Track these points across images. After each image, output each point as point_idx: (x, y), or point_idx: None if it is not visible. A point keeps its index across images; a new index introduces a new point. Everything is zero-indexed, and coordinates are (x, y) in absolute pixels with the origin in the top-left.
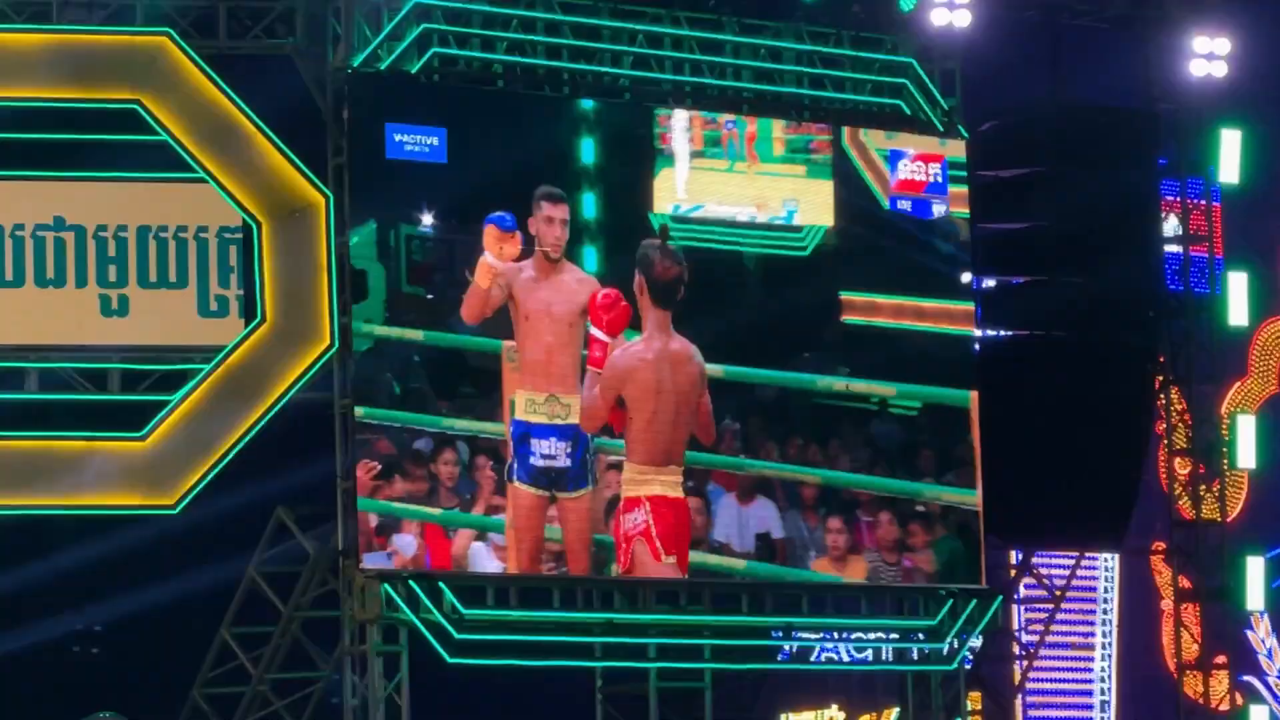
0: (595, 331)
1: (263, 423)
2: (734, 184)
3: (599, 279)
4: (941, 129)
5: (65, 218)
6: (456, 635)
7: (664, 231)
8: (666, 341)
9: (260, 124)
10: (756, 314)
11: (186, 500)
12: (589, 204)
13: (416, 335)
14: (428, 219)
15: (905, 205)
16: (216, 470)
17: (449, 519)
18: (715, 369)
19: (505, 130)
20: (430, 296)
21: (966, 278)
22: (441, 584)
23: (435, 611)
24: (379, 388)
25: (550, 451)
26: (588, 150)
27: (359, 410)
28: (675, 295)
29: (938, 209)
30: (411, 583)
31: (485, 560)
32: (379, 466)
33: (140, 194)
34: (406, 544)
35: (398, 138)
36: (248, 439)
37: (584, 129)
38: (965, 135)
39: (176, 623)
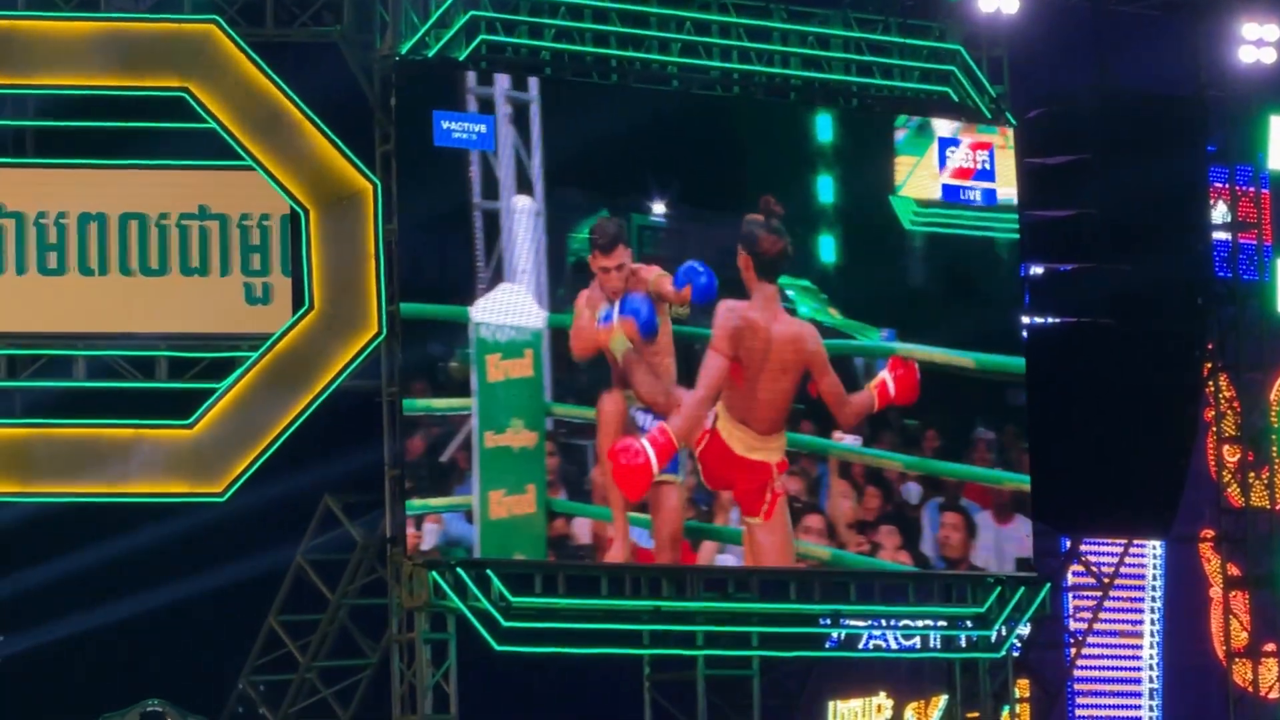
0: (647, 436)
1: (310, 410)
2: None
3: (836, 270)
4: (989, 116)
5: (108, 206)
6: (504, 623)
7: (767, 205)
8: (774, 314)
9: (308, 111)
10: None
11: (234, 488)
12: (825, 188)
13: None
14: (659, 207)
15: (952, 192)
16: (264, 458)
17: None
18: (966, 359)
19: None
20: None
21: None
22: (489, 571)
23: (483, 599)
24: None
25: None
26: (824, 128)
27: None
28: (780, 269)
29: (976, 196)
30: (460, 570)
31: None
32: None
33: (186, 182)
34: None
35: (445, 125)
36: (295, 426)
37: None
38: (1013, 123)
39: (224, 610)
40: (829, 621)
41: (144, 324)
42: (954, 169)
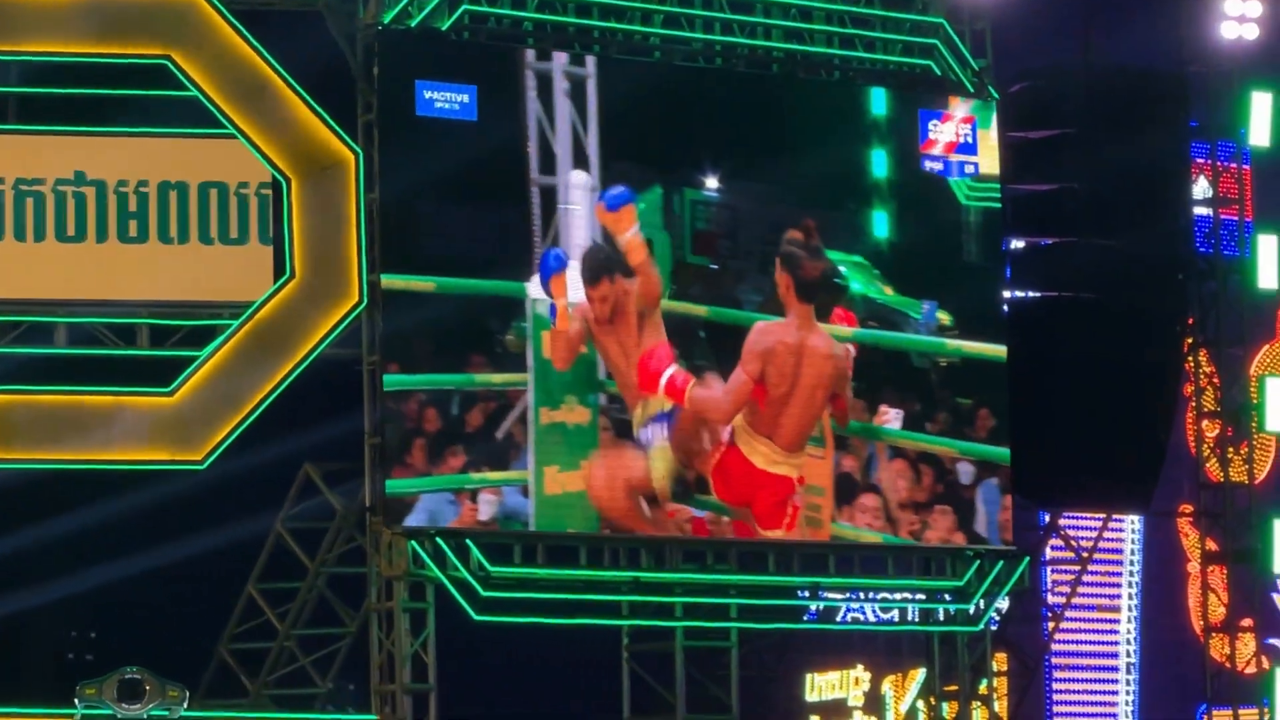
0: (667, 377)
1: (291, 379)
2: None
3: (890, 246)
4: (972, 90)
5: (87, 173)
6: (483, 593)
7: (809, 228)
8: (809, 333)
9: (290, 80)
10: None
11: (214, 456)
12: (879, 161)
13: (700, 310)
14: (712, 182)
15: (935, 166)
16: (244, 426)
17: None
18: None
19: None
20: (714, 267)
21: None
22: (469, 541)
23: (462, 569)
24: None
25: None
26: (878, 102)
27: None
28: (819, 291)
29: (968, 169)
30: (439, 539)
31: None
32: None
33: (168, 150)
34: None
35: (428, 95)
36: (276, 395)
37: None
38: (996, 96)
39: (203, 578)
40: (807, 594)
41: (125, 291)
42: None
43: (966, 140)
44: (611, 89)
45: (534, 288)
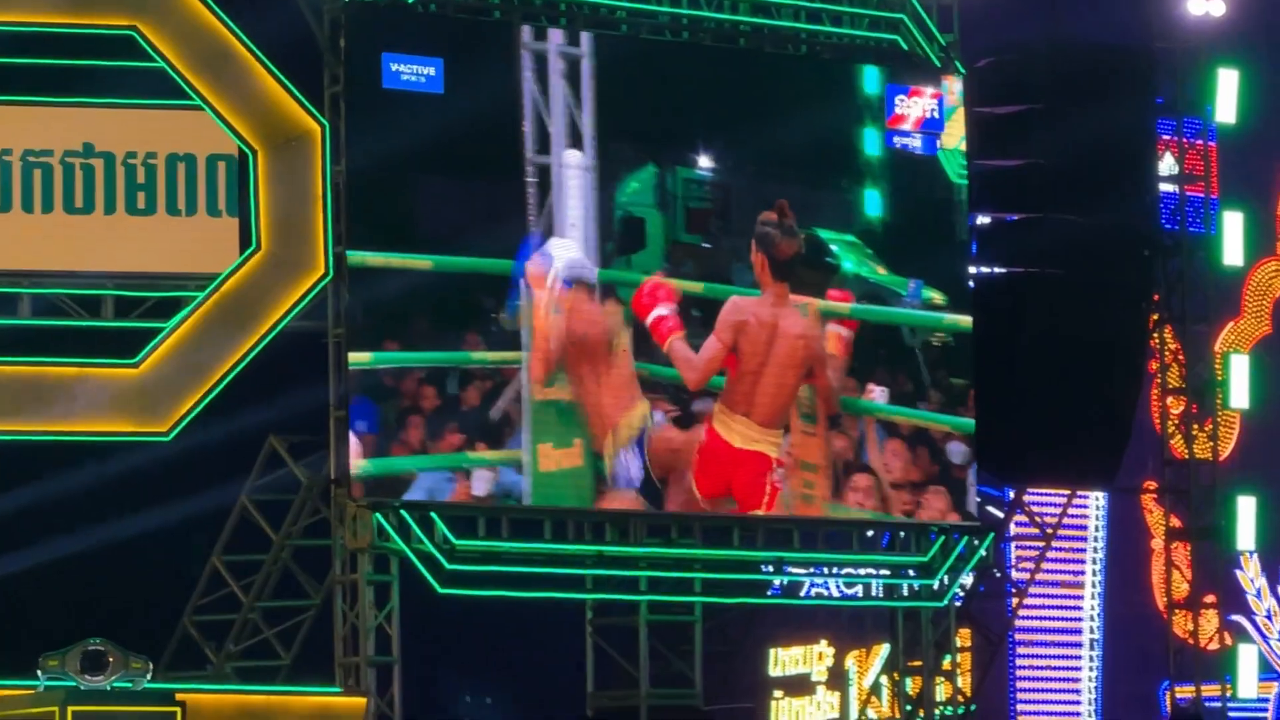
0: (658, 312)
1: (256, 350)
2: None
3: (882, 225)
4: (939, 65)
5: (53, 144)
6: (447, 565)
7: (782, 209)
8: (782, 311)
9: (257, 52)
10: None
11: (179, 427)
12: (871, 140)
13: (696, 288)
14: (705, 160)
15: (911, 142)
16: (209, 398)
17: None
18: None
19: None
20: (707, 245)
21: None
22: (433, 514)
23: (427, 541)
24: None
25: None
26: (871, 81)
27: (644, 370)
28: (794, 270)
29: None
30: (403, 512)
31: None
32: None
33: (134, 121)
34: None
35: (394, 67)
36: (241, 366)
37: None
38: (962, 71)
39: (167, 550)
40: (771, 569)
41: (90, 262)
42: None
43: (933, 115)
44: (606, 68)
45: (530, 266)
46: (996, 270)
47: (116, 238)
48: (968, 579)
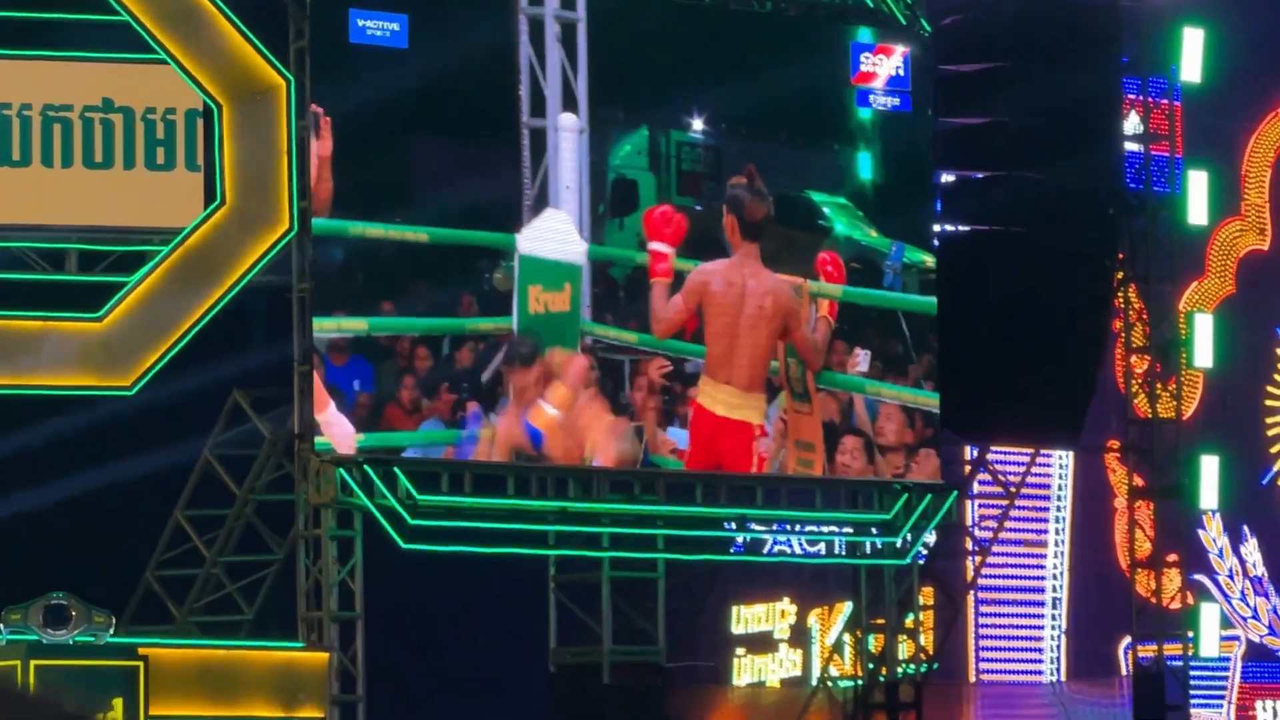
0: (656, 245)
1: (220, 305)
2: None
3: (874, 187)
4: (904, 22)
5: (17, 97)
6: (410, 521)
7: (751, 172)
8: (752, 271)
9: (222, 6)
10: None
11: (143, 382)
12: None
13: (686, 266)
14: (698, 124)
15: (880, 101)
16: (173, 352)
17: None
18: None
19: None
20: (699, 208)
21: None
22: (396, 469)
23: (390, 496)
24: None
25: None
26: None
27: (633, 336)
28: (763, 230)
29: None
30: (366, 467)
31: None
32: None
33: (99, 74)
34: None
35: (360, 22)
36: (205, 321)
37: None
38: (928, 29)
39: (130, 504)
40: (734, 526)
41: (54, 216)
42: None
43: (898, 74)
44: (600, 30)
45: (523, 239)
46: (961, 228)
47: (80, 192)
48: (931, 537)
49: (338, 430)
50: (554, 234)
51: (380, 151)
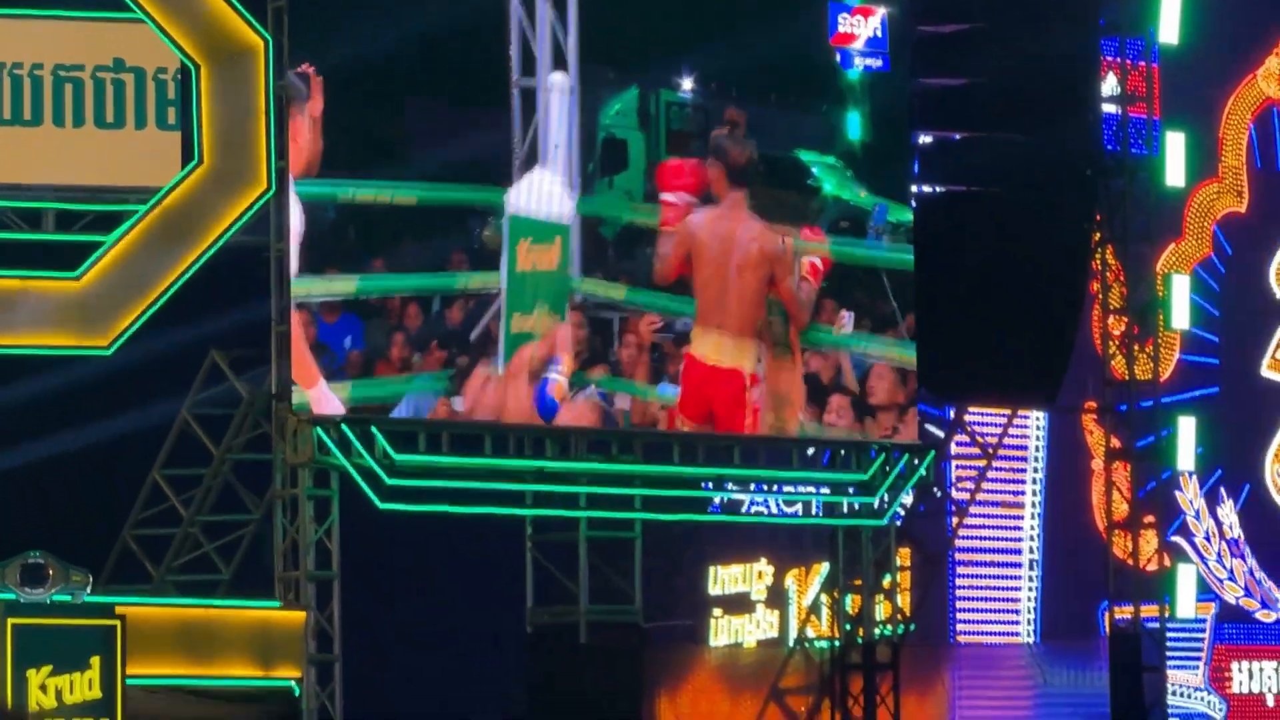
0: (668, 196)
1: (198, 264)
2: None
3: (863, 147)
4: None
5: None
6: (388, 480)
7: (732, 119)
8: (740, 218)
9: None
10: None
11: (120, 341)
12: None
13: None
14: (687, 83)
15: (864, 61)
16: (151, 311)
17: None
18: None
19: None
20: None
21: None
22: (374, 428)
23: (367, 456)
24: (640, 264)
25: None
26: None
27: (625, 292)
28: (748, 175)
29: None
30: (344, 427)
31: None
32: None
33: (74, 33)
34: None
35: None
36: (183, 280)
37: None
38: None
39: (108, 463)
40: (712, 486)
41: (31, 175)
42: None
43: (877, 35)
44: None
45: (512, 196)
46: (938, 189)
47: (58, 151)
48: (908, 498)
49: (328, 407)
50: (543, 192)
51: (371, 111)
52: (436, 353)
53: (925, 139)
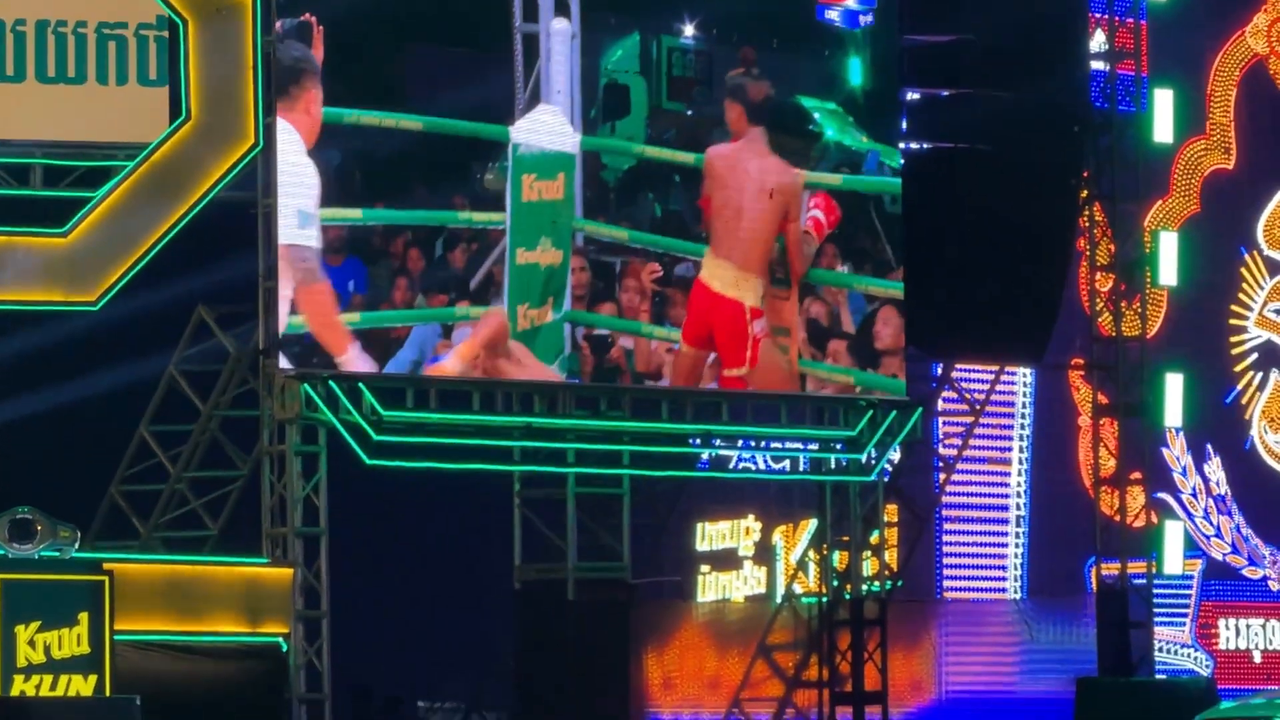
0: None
1: (186, 220)
2: None
3: (864, 93)
4: None
5: None
6: (375, 437)
7: (746, 57)
8: (758, 152)
9: None
10: None
11: (108, 297)
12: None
13: (687, 159)
14: (689, 29)
15: (833, 15)
16: (138, 267)
17: None
18: None
19: None
20: (689, 113)
21: None
22: (361, 385)
23: (354, 412)
24: (641, 209)
25: None
26: None
27: (623, 233)
28: (766, 112)
29: (864, 19)
30: (331, 383)
31: None
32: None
33: None
34: None
35: None
36: (170, 236)
37: None
38: None
39: (95, 419)
40: (699, 442)
41: (19, 131)
42: None
43: None
44: None
45: (516, 131)
46: (926, 146)
47: (46, 106)
48: (896, 454)
49: (361, 367)
50: (547, 126)
51: (372, 57)
52: (438, 297)
53: (913, 95)
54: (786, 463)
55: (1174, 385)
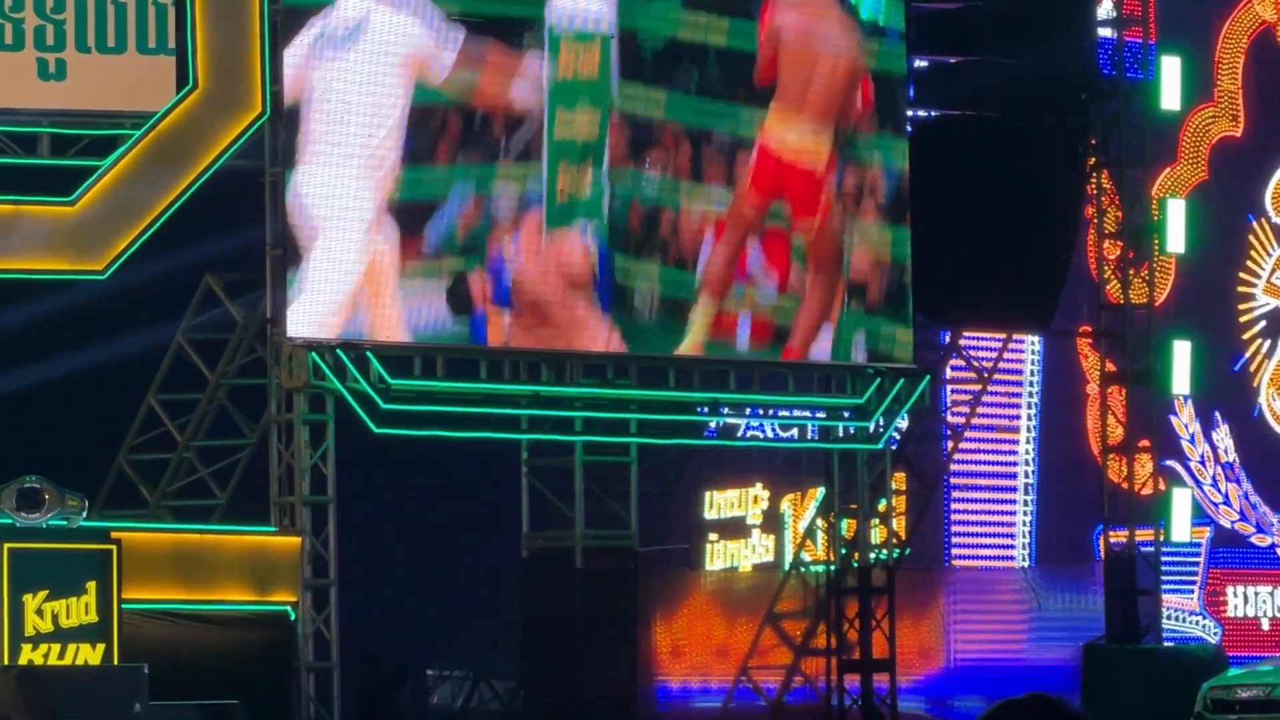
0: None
1: (193, 189)
2: None
3: None
4: None
5: None
6: (383, 405)
7: None
8: (828, 13)
9: None
10: None
11: (115, 265)
12: None
13: (723, 24)
14: None
15: None
16: (146, 236)
17: None
18: None
19: None
20: None
21: None
22: (369, 353)
23: (362, 380)
24: (677, 80)
25: None
26: None
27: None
28: None
29: None
30: (339, 351)
31: None
32: None
33: None
34: None
35: None
36: (177, 205)
37: None
38: None
39: (103, 388)
40: (707, 410)
41: (26, 100)
42: None
43: None
44: None
45: (551, 9)
46: (934, 113)
47: (51, 75)
48: (903, 422)
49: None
50: (583, 3)
51: None
52: (476, 155)
53: (921, 63)
54: (794, 430)
55: (1182, 352)
